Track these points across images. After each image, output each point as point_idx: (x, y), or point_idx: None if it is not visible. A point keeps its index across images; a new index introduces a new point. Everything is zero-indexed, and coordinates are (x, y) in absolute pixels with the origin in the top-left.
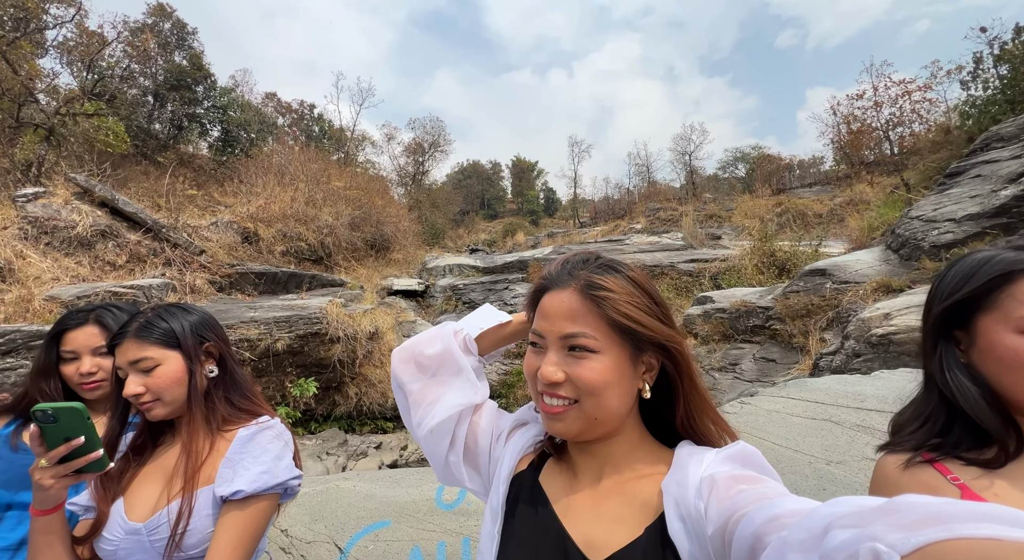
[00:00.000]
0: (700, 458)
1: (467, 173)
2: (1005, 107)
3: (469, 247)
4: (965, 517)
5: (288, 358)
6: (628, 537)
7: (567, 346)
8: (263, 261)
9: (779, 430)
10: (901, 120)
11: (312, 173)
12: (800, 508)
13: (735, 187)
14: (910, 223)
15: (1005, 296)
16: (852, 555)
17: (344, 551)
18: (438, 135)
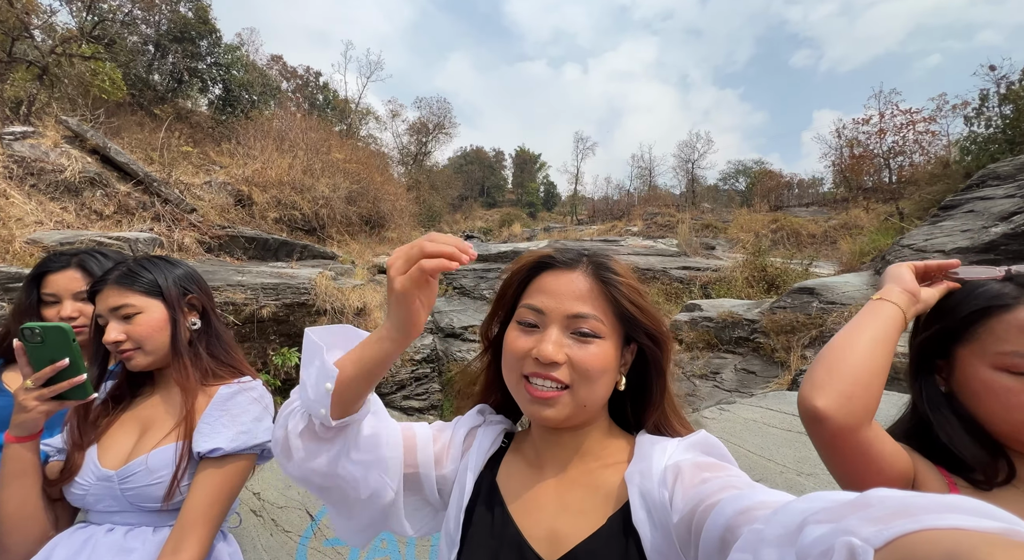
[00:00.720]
0: (663, 447)
1: (469, 158)
2: (1004, 146)
3: (465, 233)
4: (933, 509)
5: (273, 326)
6: (591, 528)
7: (572, 327)
8: (255, 226)
9: (755, 439)
10: (903, 149)
11: (312, 142)
12: (770, 500)
13: (734, 200)
14: (900, 251)
15: (983, 330)
16: (827, 550)
17: (315, 519)
18: (444, 117)
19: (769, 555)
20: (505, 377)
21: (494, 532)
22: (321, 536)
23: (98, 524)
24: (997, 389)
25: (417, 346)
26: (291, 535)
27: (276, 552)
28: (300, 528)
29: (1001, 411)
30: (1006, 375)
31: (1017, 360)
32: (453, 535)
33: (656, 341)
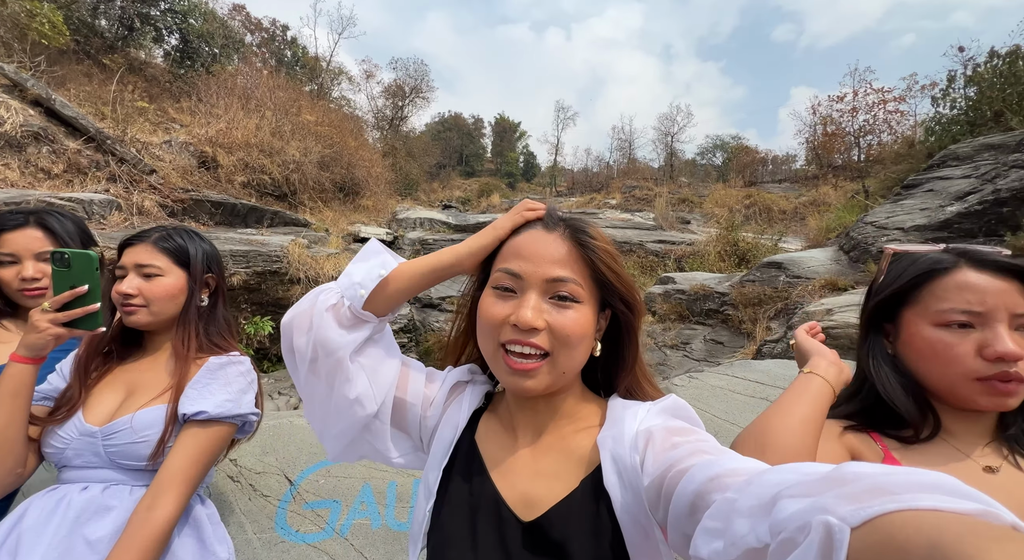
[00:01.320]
0: (635, 412)
1: (447, 125)
2: (966, 128)
3: (443, 203)
4: (910, 487)
5: (244, 295)
6: (564, 491)
7: (551, 292)
8: (221, 190)
9: (720, 405)
10: (873, 128)
11: (280, 102)
12: (741, 467)
13: (711, 175)
14: (863, 228)
15: (926, 292)
16: (803, 526)
17: (294, 483)
18: (421, 80)
19: (742, 526)
20: (481, 346)
21: (472, 490)
22: (301, 500)
23: (73, 483)
24: (937, 344)
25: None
26: (270, 499)
27: (255, 515)
28: (279, 492)
29: (940, 365)
30: (945, 331)
31: (954, 316)
32: (431, 487)
33: (630, 307)
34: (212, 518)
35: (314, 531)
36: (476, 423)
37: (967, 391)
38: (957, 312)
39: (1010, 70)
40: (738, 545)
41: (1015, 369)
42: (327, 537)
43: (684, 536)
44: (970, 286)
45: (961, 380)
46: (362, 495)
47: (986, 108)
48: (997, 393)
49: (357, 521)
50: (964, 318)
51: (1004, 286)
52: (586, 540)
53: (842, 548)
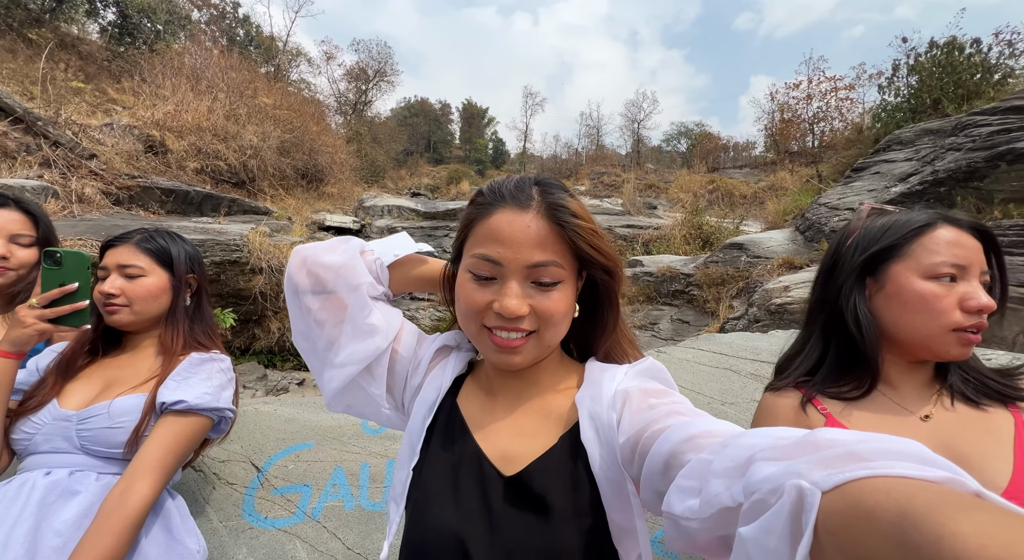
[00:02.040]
0: (612, 373)
1: (414, 110)
2: (908, 115)
3: (411, 190)
4: (883, 455)
5: None
6: (543, 447)
7: (533, 277)
8: (172, 177)
9: (687, 376)
10: (825, 116)
11: (234, 83)
12: (716, 429)
13: (675, 161)
14: (817, 209)
15: (917, 246)
16: (776, 489)
17: (262, 470)
18: (385, 63)
19: (716, 486)
20: (463, 326)
21: (454, 448)
22: (269, 486)
23: (36, 470)
24: (928, 295)
25: None
26: (235, 487)
27: (221, 504)
28: (245, 480)
29: (926, 316)
30: (935, 283)
31: (945, 269)
32: (415, 446)
33: (610, 273)
34: (181, 510)
35: (284, 516)
36: (458, 388)
37: (943, 341)
38: (948, 265)
39: (947, 60)
40: (712, 504)
41: (983, 320)
42: (298, 521)
43: (656, 493)
44: (958, 241)
45: (941, 331)
46: (334, 478)
47: (926, 96)
48: (967, 343)
49: (329, 504)
50: (952, 271)
51: (976, 244)
52: (565, 493)
53: (812, 511)
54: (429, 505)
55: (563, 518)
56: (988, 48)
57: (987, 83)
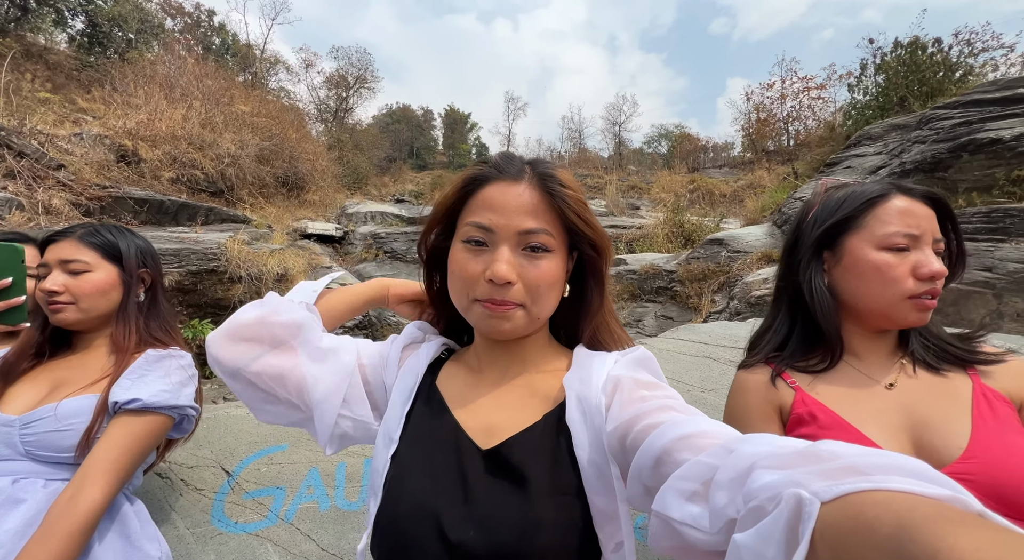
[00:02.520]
0: (603, 360)
1: (396, 117)
2: (877, 112)
3: (395, 197)
4: (882, 469)
5: (178, 296)
6: (526, 422)
7: (523, 243)
8: (146, 187)
9: (668, 365)
10: (799, 115)
11: (209, 91)
12: (712, 430)
13: (657, 162)
14: (793, 203)
15: (871, 218)
16: (774, 497)
17: (232, 474)
18: (365, 69)
19: (722, 498)
20: (456, 299)
21: (433, 426)
22: (240, 490)
23: None
24: (882, 265)
25: None
26: (204, 493)
27: (188, 510)
28: (215, 485)
29: (882, 285)
30: (889, 253)
31: (898, 239)
32: (393, 434)
33: (598, 250)
34: (140, 515)
35: (255, 520)
36: (436, 372)
37: (900, 309)
38: (900, 235)
39: (911, 59)
40: (720, 517)
41: (937, 286)
42: (270, 524)
43: (644, 487)
44: (909, 211)
45: (898, 299)
46: (308, 479)
47: (893, 94)
48: (923, 309)
49: (303, 505)
50: (905, 241)
51: (930, 212)
52: (544, 470)
53: (810, 520)
54: (405, 481)
55: (541, 493)
56: (949, 47)
57: (949, 80)
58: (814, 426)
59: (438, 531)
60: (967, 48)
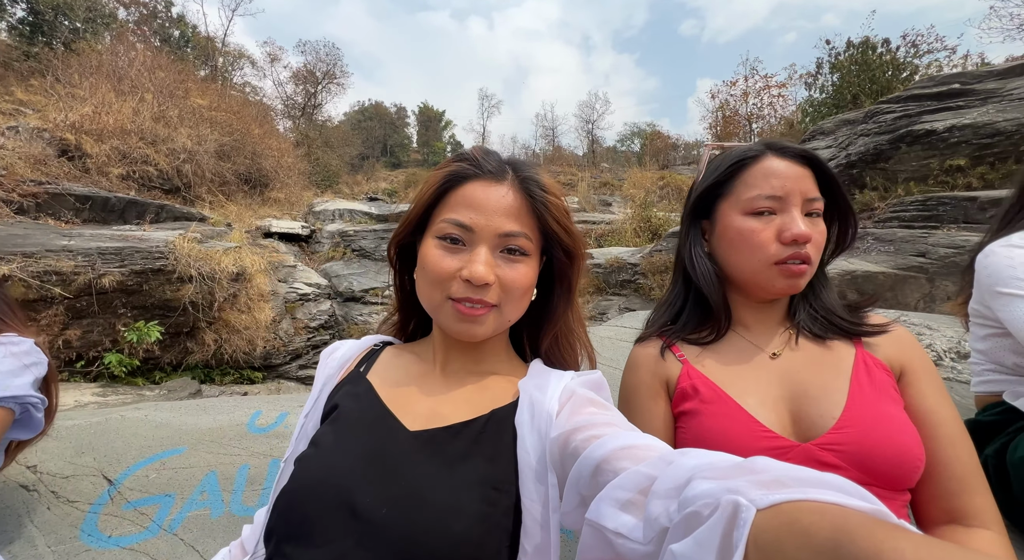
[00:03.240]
0: (560, 375)
1: (368, 114)
2: (832, 109)
3: (368, 195)
4: (813, 483)
5: (121, 297)
6: (472, 414)
7: (501, 246)
8: (91, 183)
9: (608, 352)
10: (761, 113)
11: (162, 84)
12: (651, 443)
13: (629, 160)
14: None
15: (738, 182)
16: (711, 503)
17: (115, 483)
18: (334, 65)
19: (656, 507)
20: (425, 295)
21: (357, 409)
22: (121, 499)
23: None
24: (746, 231)
25: (313, 312)
26: (77, 505)
27: (53, 526)
28: (92, 496)
29: (748, 252)
30: (753, 218)
31: (760, 202)
32: (310, 433)
33: (571, 257)
34: None
35: (133, 532)
36: (370, 365)
37: (767, 276)
38: (763, 198)
39: (863, 58)
40: (653, 526)
41: (805, 251)
42: (150, 536)
43: (580, 497)
44: (774, 172)
45: (763, 266)
46: (204, 485)
47: (847, 92)
48: (790, 275)
49: (193, 513)
50: (768, 204)
51: (801, 172)
52: (480, 462)
53: (746, 525)
54: (314, 460)
55: (471, 482)
56: (897, 48)
57: (897, 79)
58: (696, 400)
59: (347, 508)
60: (913, 49)
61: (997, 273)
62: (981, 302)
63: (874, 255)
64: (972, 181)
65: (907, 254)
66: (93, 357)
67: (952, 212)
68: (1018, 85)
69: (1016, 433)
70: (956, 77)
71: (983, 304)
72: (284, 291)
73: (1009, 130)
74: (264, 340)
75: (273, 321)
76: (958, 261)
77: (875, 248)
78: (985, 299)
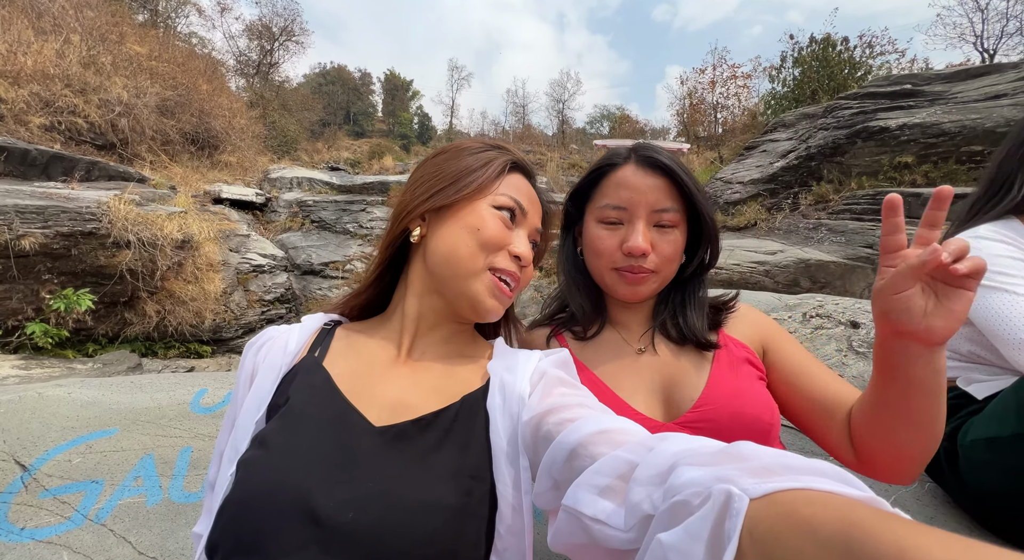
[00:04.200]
0: (528, 354)
1: (330, 78)
2: (792, 103)
3: (329, 164)
4: (806, 471)
5: (45, 262)
6: (441, 404)
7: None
8: (5, 132)
9: None
10: (726, 103)
11: (92, 24)
12: (628, 428)
13: None
14: (714, 183)
15: (597, 190)
16: (702, 492)
17: (30, 469)
18: (292, 20)
19: (638, 494)
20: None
21: (313, 403)
22: (38, 487)
23: None
24: (596, 239)
25: (268, 285)
26: None
27: None
28: (0, 484)
29: (597, 260)
30: (603, 226)
31: (608, 211)
32: (249, 429)
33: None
34: None
35: (52, 523)
36: (324, 352)
37: (610, 281)
38: (611, 208)
39: (823, 55)
40: (635, 513)
41: (641, 264)
42: (73, 527)
43: (553, 481)
44: (625, 182)
45: (606, 271)
46: (138, 469)
47: (807, 87)
48: (630, 282)
49: (125, 501)
50: (615, 214)
51: (654, 183)
52: (453, 452)
53: (739, 516)
54: (261, 462)
55: (444, 474)
56: (854, 47)
57: (852, 78)
58: None
59: (307, 515)
60: (868, 50)
61: None
62: None
63: (827, 245)
64: (917, 178)
65: (856, 245)
66: (13, 326)
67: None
68: (962, 89)
69: (967, 417)
70: (908, 78)
71: None
72: (236, 261)
73: (952, 131)
74: (213, 312)
75: (224, 292)
76: None
77: (828, 238)
78: None
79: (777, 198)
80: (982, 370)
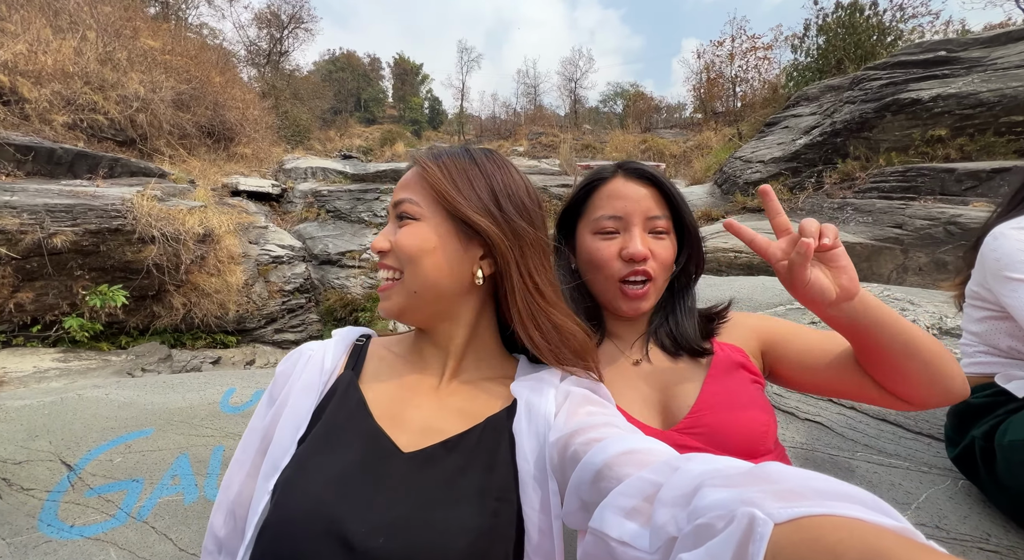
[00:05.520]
0: (552, 371)
1: (339, 65)
2: (816, 74)
3: (341, 152)
4: (834, 495)
5: (76, 258)
6: (466, 426)
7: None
8: (31, 131)
9: None
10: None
11: (107, 20)
12: (655, 448)
13: (612, 122)
14: (733, 162)
15: (589, 203)
16: (726, 515)
17: (75, 468)
18: (300, 7)
19: (663, 515)
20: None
21: (347, 427)
22: (83, 486)
23: None
24: (593, 251)
25: (287, 275)
26: (33, 493)
27: (9, 516)
28: (49, 483)
29: (594, 271)
30: (598, 237)
31: (604, 222)
32: (291, 437)
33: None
34: None
35: (99, 520)
36: (358, 371)
37: (612, 295)
38: (607, 218)
39: (850, 21)
40: (660, 535)
41: (644, 267)
42: (117, 524)
43: (581, 502)
44: (618, 193)
45: (609, 284)
46: (175, 468)
47: (832, 56)
48: (632, 298)
49: (164, 499)
50: (612, 224)
51: (645, 192)
52: (479, 474)
53: (763, 541)
54: (299, 485)
55: (471, 497)
56: (884, 11)
57: (881, 44)
58: None
59: (339, 539)
60: (899, 13)
61: (1008, 256)
62: (982, 284)
63: (852, 225)
64: (951, 152)
65: (884, 225)
66: (50, 321)
67: (930, 183)
68: (1002, 54)
69: (1006, 416)
70: (942, 44)
71: (984, 287)
72: (256, 253)
73: (991, 101)
74: (237, 304)
75: (245, 284)
76: (932, 233)
77: (853, 218)
78: (988, 282)
79: (800, 177)
80: (1022, 366)
